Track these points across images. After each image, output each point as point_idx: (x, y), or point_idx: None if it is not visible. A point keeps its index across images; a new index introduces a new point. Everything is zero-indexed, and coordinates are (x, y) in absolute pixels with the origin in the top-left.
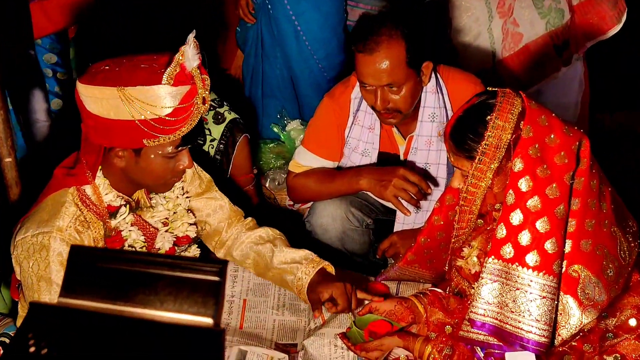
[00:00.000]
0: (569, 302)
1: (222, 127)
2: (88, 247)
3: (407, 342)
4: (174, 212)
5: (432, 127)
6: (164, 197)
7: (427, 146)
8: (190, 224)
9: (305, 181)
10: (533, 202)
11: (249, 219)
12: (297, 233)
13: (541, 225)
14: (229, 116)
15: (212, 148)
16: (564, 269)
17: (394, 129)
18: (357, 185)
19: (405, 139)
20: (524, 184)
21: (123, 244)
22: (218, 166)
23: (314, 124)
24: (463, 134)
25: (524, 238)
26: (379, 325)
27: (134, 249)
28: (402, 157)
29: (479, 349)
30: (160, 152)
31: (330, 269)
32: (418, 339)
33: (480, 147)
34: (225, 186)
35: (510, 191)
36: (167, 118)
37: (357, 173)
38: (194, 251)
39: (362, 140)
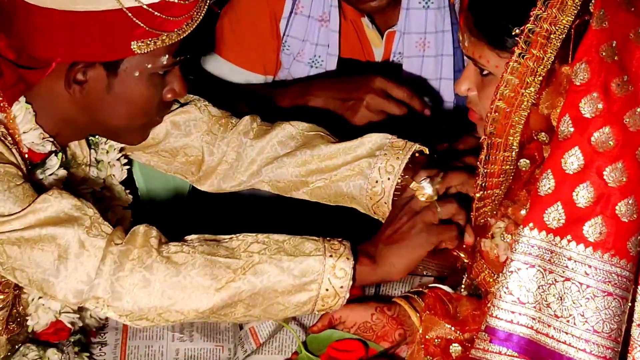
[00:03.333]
0: None
1: None
2: None
3: None
4: (102, 188)
5: (426, 17)
6: (95, 158)
7: (419, 49)
8: (124, 208)
9: None
10: (602, 137)
11: (246, 119)
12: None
13: (613, 174)
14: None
15: None
16: None
17: (365, 21)
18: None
19: (382, 38)
20: (588, 106)
21: None
22: None
23: (231, 12)
24: (494, 7)
25: (583, 195)
26: (345, 348)
27: None
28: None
29: None
30: (150, 65)
31: (425, 151)
32: None
33: (523, 35)
34: None
35: (566, 116)
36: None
37: (304, 91)
38: None
39: (310, 42)
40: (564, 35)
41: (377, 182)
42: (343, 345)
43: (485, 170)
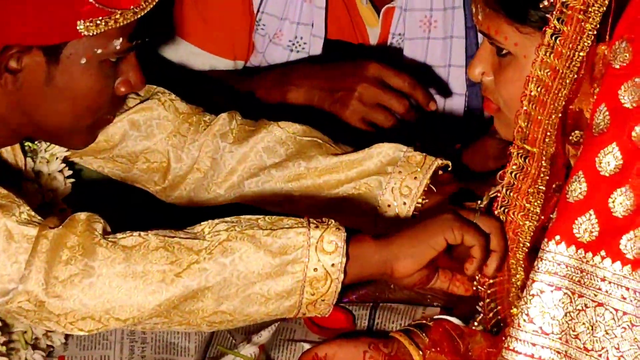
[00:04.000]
0: None
1: None
2: None
3: None
4: (40, 205)
5: None
6: (32, 169)
7: (424, 30)
8: None
9: None
10: None
11: (224, 117)
12: None
13: None
14: None
15: None
16: None
17: None
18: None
19: (379, 16)
20: (629, 94)
21: None
22: None
23: None
24: None
25: (621, 202)
26: None
27: None
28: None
29: None
30: (99, 50)
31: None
32: None
33: (555, 9)
34: None
35: (603, 107)
36: None
37: (282, 79)
38: None
39: (290, 20)
40: (604, 8)
41: (389, 206)
42: None
43: (511, 187)
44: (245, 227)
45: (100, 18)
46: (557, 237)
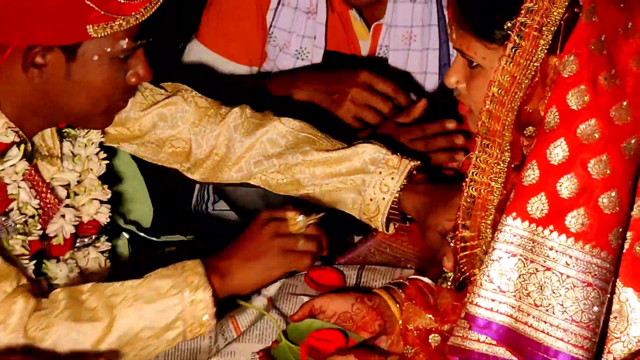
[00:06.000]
0: (629, 299)
1: None
2: None
3: None
4: (79, 181)
5: (413, 10)
6: (72, 152)
7: (405, 43)
8: (102, 203)
9: None
10: (587, 129)
11: (237, 111)
12: None
13: (597, 166)
14: None
15: None
16: (627, 245)
17: (353, 14)
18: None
19: (370, 31)
20: (575, 98)
21: (8, 206)
22: None
23: (217, 3)
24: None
25: (567, 187)
26: (325, 338)
27: (25, 218)
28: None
29: None
30: (109, 49)
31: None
32: None
33: (515, 28)
34: None
35: (553, 108)
36: None
37: (288, 83)
38: (102, 246)
39: (296, 33)
40: (555, 28)
41: (371, 200)
42: (323, 334)
43: (474, 167)
44: (131, 302)
45: (106, 23)
46: (514, 214)
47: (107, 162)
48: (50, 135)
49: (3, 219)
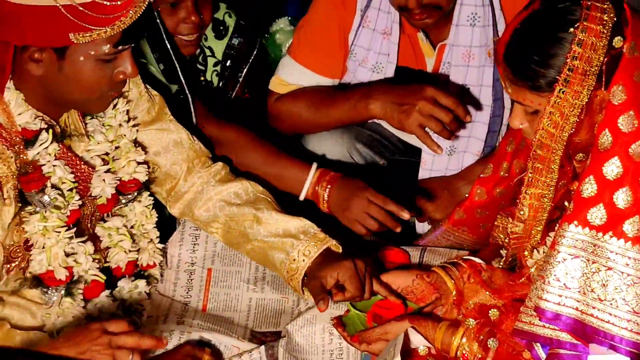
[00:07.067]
0: None
1: (225, 41)
2: None
3: (424, 328)
4: (116, 147)
5: (473, 33)
6: (103, 124)
7: (465, 60)
8: (139, 163)
9: (293, 106)
10: (638, 149)
11: (219, 164)
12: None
13: None
14: (231, 21)
15: (215, 75)
16: None
17: (420, 35)
18: (367, 112)
19: (435, 50)
20: (625, 122)
21: (44, 184)
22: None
23: (307, 25)
24: (526, 56)
25: (622, 198)
26: (387, 306)
27: (60, 193)
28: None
29: (539, 347)
30: (92, 52)
31: (337, 248)
32: (441, 325)
33: (563, 74)
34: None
35: (606, 131)
36: (102, 2)
37: (366, 94)
38: (145, 201)
39: (373, 51)
40: (597, 70)
41: (294, 260)
42: (385, 304)
43: (528, 191)
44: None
45: (87, 32)
46: (576, 222)
47: (137, 128)
48: (74, 118)
49: (39, 195)
